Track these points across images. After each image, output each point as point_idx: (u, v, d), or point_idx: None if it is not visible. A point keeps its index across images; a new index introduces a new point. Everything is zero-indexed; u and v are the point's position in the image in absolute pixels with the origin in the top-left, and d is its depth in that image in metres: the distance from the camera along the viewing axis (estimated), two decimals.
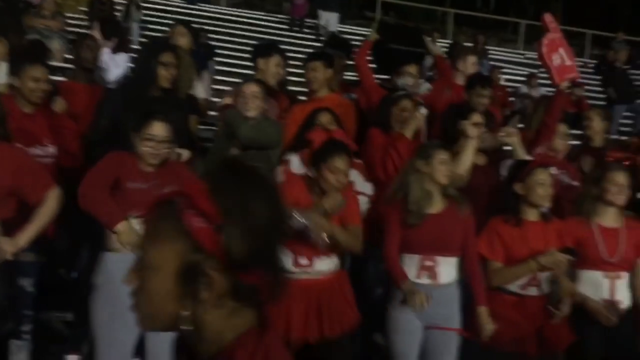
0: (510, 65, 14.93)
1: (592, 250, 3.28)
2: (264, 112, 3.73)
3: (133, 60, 4.26)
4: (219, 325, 1.00)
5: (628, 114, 11.35)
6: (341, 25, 14.38)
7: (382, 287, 3.63)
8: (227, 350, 0.99)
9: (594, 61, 15.31)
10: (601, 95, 11.53)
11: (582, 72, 15.27)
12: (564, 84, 4.12)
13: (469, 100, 4.43)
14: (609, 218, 3.34)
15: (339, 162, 2.98)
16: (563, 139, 4.20)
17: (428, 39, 4.93)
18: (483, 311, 3.08)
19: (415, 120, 3.78)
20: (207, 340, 1.01)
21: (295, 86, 6.24)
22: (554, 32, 4.24)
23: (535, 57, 17.16)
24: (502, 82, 12.36)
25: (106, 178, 2.91)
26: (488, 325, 3.05)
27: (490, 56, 14.95)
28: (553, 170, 4.03)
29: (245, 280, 0.98)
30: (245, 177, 1.02)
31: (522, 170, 3.21)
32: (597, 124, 4.72)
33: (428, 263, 3.08)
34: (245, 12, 15.18)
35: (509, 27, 18.15)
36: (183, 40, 4.42)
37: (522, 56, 16.01)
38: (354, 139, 4.30)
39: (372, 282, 3.77)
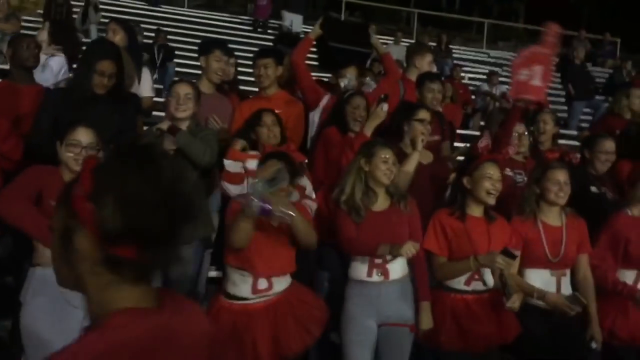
0: (474, 64, 15.11)
1: (538, 249, 3.29)
2: (195, 115, 3.61)
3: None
4: (97, 295, 1.05)
5: (587, 110, 11.53)
6: (305, 26, 14.37)
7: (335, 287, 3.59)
8: (100, 322, 1.02)
9: (556, 59, 15.55)
10: (562, 92, 11.70)
11: None
12: (519, 103, 3.99)
13: (420, 96, 4.44)
14: (552, 216, 3.36)
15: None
16: (521, 139, 4.20)
17: (374, 37, 4.85)
18: (425, 306, 3.08)
19: (376, 117, 3.69)
20: (92, 306, 1.06)
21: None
22: (545, 47, 4.07)
23: (499, 55, 17.34)
24: (466, 81, 12.52)
25: (27, 191, 2.79)
26: (427, 320, 3.05)
27: (454, 55, 15.10)
28: (507, 171, 4.08)
29: (117, 253, 1.01)
30: (130, 157, 1.05)
31: (471, 164, 3.21)
32: (550, 127, 4.76)
33: (378, 261, 3.06)
34: (208, 14, 15.08)
35: (474, 27, 18.33)
36: (117, 38, 4.32)
37: (486, 55, 16.21)
38: (302, 138, 4.31)
39: (325, 282, 3.73)
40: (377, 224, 3.05)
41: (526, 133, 4.21)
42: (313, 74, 4.68)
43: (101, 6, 11.71)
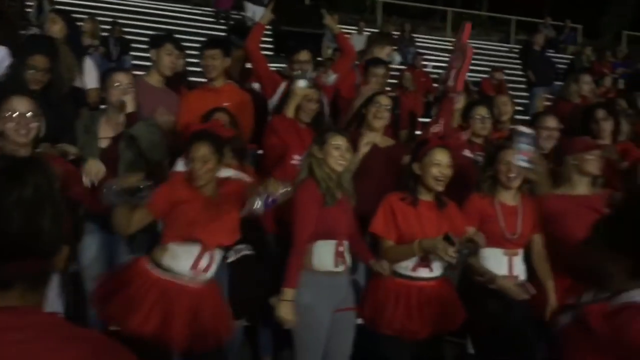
0: (438, 52, 15.15)
1: (495, 228, 3.31)
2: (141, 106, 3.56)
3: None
4: None
5: (548, 96, 11.67)
6: None
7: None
8: None
9: (519, 46, 15.70)
10: (522, 79, 11.82)
11: (507, 57, 15.76)
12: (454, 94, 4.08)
13: (365, 82, 4.44)
14: (508, 196, 3.40)
15: (197, 151, 2.90)
16: (483, 123, 4.25)
17: (327, 16, 4.82)
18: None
19: (293, 96, 3.71)
20: None
21: None
22: (463, 42, 4.12)
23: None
24: (429, 69, 12.55)
25: None
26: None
27: (418, 44, 15.15)
28: (467, 152, 4.10)
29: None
30: (5, 178, 1.10)
31: (420, 150, 3.21)
32: (510, 109, 4.82)
33: (340, 249, 3.07)
34: (168, 5, 14.83)
35: (438, 16, 18.40)
36: (56, 28, 4.22)
37: (449, 44, 16.26)
38: (252, 131, 4.27)
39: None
40: (340, 211, 3.08)
41: (487, 116, 4.28)
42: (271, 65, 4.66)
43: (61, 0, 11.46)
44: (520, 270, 3.36)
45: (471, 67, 12.44)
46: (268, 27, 4.71)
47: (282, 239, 3.30)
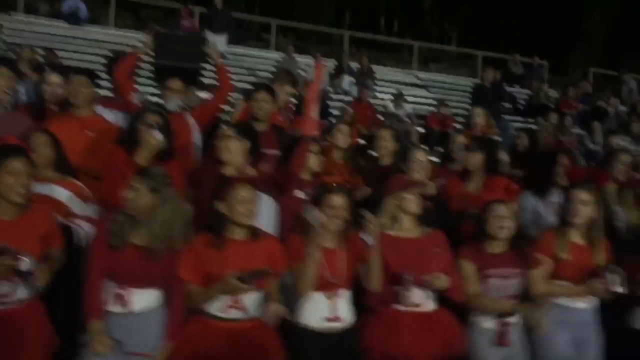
0: (405, 86, 15.27)
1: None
2: None
3: None
4: None
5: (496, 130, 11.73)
6: (235, 46, 14.40)
7: None
8: None
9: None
10: None
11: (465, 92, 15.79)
12: (307, 138, 4.07)
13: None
14: (329, 240, 3.33)
15: (11, 166, 2.88)
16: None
17: (211, 49, 4.85)
18: (168, 346, 3.02)
19: (147, 145, 3.62)
20: None
21: None
22: (317, 81, 4.13)
23: (428, 77, 17.55)
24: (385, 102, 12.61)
25: None
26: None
27: (385, 78, 15.29)
28: (297, 193, 4.04)
29: None
30: None
31: (223, 188, 3.15)
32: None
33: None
34: (134, 34, 14.94)
35: (406, 50, 18.59)
36: None
37: (414, 77, 16.43)
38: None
39: None
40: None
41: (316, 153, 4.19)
42: None
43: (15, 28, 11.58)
44: (345, 312, 3.33)
45: (413, 100, 12.55)
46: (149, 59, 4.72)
47: None
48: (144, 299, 3.03)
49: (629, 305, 3.83)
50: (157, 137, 3.62)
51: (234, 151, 3.73)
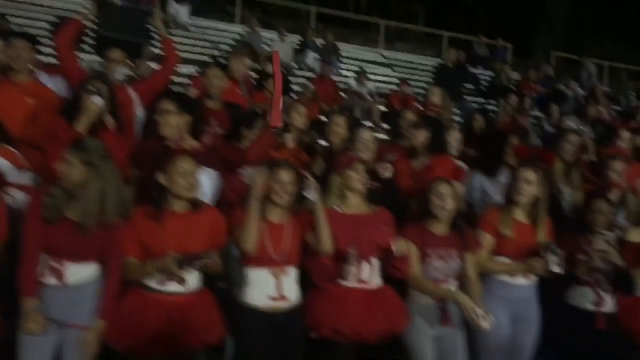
0: (370, 64, 15.24)
1: (259, 249, 3.25)
2: None
3: None
4: None
5: (457, 111, 11.84)
6: (198, 18, 14.11)
7: None
8: None
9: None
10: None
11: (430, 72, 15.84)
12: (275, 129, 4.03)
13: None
14: (276, 214, 3.34)
15: None
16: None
17: (157, 21, 4.73)
18: (101, 324, 2.99)
19: (86, 111, 3.52)
20: None
21: None
22: (277, 74, 4.06)
23: (393, 56, 17.45)
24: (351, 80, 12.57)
25: None
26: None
27: (351, 55, 15.22)
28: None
29: None
30: None
31: (165, 159, 3.09)
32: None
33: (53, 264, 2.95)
34: (81, 1, 14.43)
35: (373, 28, 18.51)
36: None
37: (379, 55, 16.40)
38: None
39: None
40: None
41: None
42: None
43: None
44: (291, 291, 3.33)
45: (375, 78, 12.54)
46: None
47: None
48: (79, 273, 2.98)
49: (567, 283, 3.93)
50: (96, 102, 3.51)
51: (173, 126, 3.65)
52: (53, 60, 5.04)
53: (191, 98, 4.14)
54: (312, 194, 3.27)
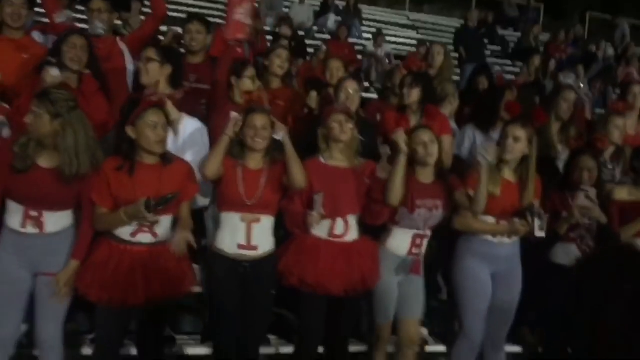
0: (395, 27, 14.97)
1: (232, 192, 3.30)
2: None
3: None
4: None
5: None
6: None
7: None
8: None
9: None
10: (455, 55, 11.67)
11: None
12: (232, 42, 4.02)
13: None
14: (253, 160, 3.37)
15: None
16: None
17: None
18: (74, 265, 3.08)
19: (42, 83, 3.48)
20: None
21: None
22: None
23: (419, 19, 16.98)
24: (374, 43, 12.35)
25: None
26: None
27: (376, 18, 14.97)
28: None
29: None
30: None
31: (133, 111, 3.10)
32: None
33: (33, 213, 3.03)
34: None
35: None
36: None
37: (405, 18, 16.09)
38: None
39: None
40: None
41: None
42: None
43: None
44: (262, 240, 3.35)
45: (391, 40, 12.13)
46: None
47: None
48: (57, 221, 3.07)
49: (550, 240, 3.85)
50: (52, 74, 3.50)
51: (152, 74, 3.63)
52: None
53: (176, 50, 4.14)
54: (280, 134, 3.29)
